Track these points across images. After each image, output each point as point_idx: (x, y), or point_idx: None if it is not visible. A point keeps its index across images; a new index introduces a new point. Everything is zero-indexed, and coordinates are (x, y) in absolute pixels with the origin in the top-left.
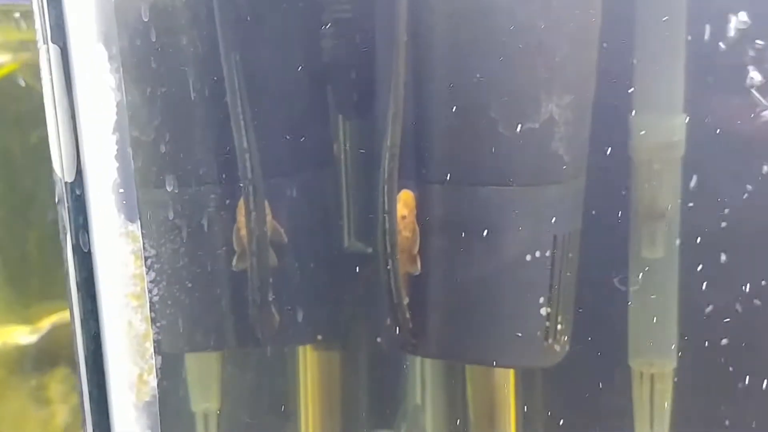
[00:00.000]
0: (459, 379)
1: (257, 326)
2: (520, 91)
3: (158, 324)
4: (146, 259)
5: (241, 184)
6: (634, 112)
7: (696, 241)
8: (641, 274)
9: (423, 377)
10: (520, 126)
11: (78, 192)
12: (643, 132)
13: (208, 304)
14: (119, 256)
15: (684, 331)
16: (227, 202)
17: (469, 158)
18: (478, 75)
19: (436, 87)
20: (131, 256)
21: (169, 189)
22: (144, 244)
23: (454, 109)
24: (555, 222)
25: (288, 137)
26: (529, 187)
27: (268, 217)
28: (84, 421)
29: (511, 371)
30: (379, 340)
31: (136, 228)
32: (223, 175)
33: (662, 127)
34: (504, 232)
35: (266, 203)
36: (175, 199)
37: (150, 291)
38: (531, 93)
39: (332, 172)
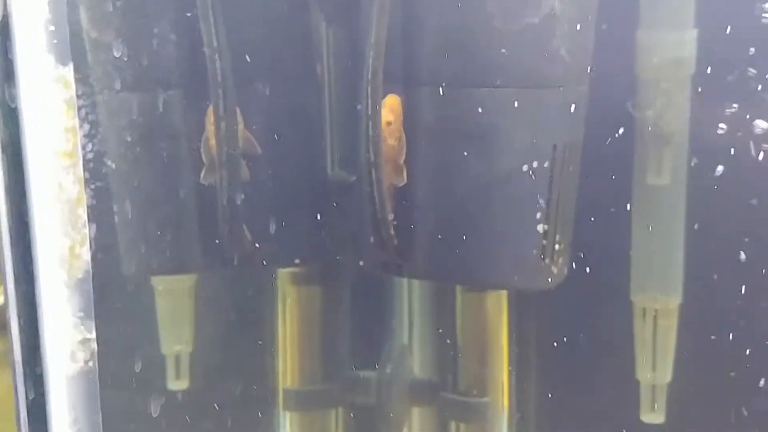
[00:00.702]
0: (448, 314)
1: (227, 246)
2: None
3: (120, 243)
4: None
5: (211, 89)
6: (641, 25)
7: (705, 167)
8: (646, 202)
9: (410, 314)
10: (518, 21)
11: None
12: (649, 47)
13: (172, 221)
14: (50, 106)
15: (690, 265)
16: (195, 108)
17: (461, 57)
18: None
19: None
20: (63, 105)
21: (130, 93)
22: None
23: (445, 4)
24: (555, 130)
25: (263, 37)
26: (527, 89)
27: (240, 126)
28: (7, 303)
29: (505, 300)
30: (361, 263)
31: (68, 72)
32: (190, 79)
33: (670, 43)
34: (499, 139)
35: (238, 111)
36: (138, 105)
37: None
38: None
39: (314, 84)
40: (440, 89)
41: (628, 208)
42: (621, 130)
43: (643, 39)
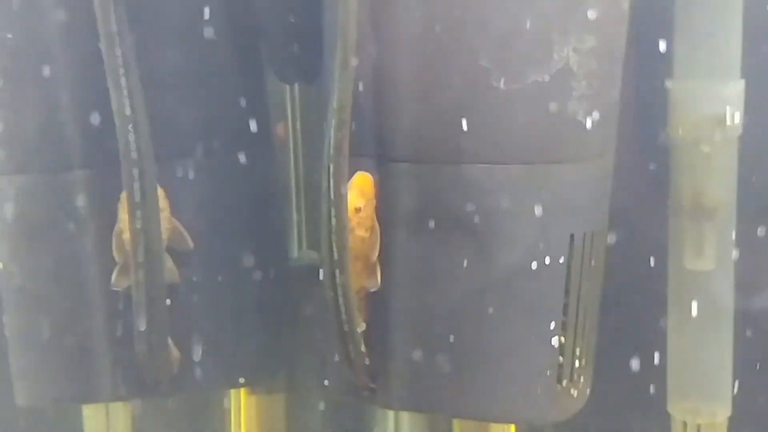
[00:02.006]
0: (444, 428)
1: (146, 368)
2: (523, 28)
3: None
4: None
5: (123, 169)
6: (674, 76)
7: (757, 249)
8: (684, 291)
9: (397, 428)
10: (522, 78)
11: None
12: (685, 102)
13: (76, 337)
14: None
15: (741, 368)
16: (104, 194)
17: (450, 126)
18: (462, 5)
19: (403, 25)
20: None
21: (13, 176)
22: None
23: (428, 56)
24: (572, 216)
25: (195, 103)
26: (535, 165)
27: (164, 214)
28: None
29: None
30: (326, 383)
31: None
32: (97, 157)
33: (712, 97)
34: (500, 229)
35: (163, 195)
36: (27, 190)
37: None
38: (538, 30)
39: (269, 155)
40: (423, 166)
41: (663, 297)
42: (652, 204)
43: (678, 91)
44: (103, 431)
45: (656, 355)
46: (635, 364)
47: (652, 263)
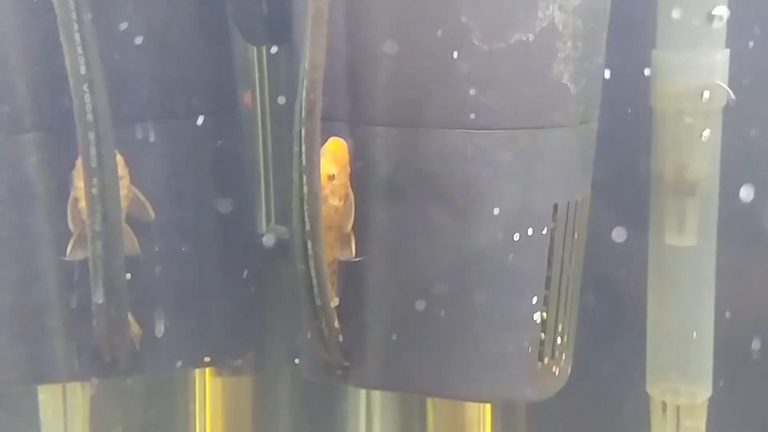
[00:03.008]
0: (416, 414)
1: (104, 346)
2: None
3: None
4: None
5: (78, 132)
6: (657, 45)
7: (740, 225)
8: (665, 268)
9: (369, 412)
10: (505, 37)
11: None
12: (669, 72)
13: (26, 313)
14: None
15: (722, 348)
16: (57, 159)
17: (429, 88)
18: None
19: None
20: None
21: None
22: None
23: (405, 12)
24: (556, 185)
25: (156, 65)
26: (518, 131)
27: (124, 182)
28: None
29: (488, 405)
30: (296, 362)
31: None
32: (51, 119)
33: (695, 67)
34: (479, 198)
35: (122, 162)
36: None
37: None
38: None
39: (234, 121)
40: (400, 131)
41: (643, 274)
42: (631, 178)
43: (661, 62)
44: (59, 415)
45: (635, 334)
46: (614, 342)
47: (631, 238)
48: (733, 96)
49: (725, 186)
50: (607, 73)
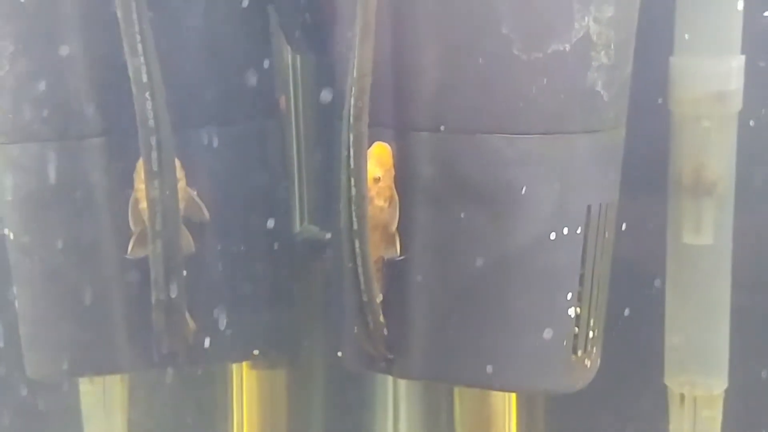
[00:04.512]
0: (442, 406)
1: (162, 339)
2: None
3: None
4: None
5: (140, 137)
6: (675, 51)
7: (754, 224)
8: (682, 266)
9: (396, 404)
10: (543, 47)
11: None
12: (686, 78)
13: (90, 308)
14: None
15: (737, 342)
16: (119, 163)
17: (470, 95)
18: None
19: None
20: None
21: (28, 144)
22: None
23: (448, 24)
24: (589, 186)
25: (210, 72)
26: (554, 135)
27: (181, 184)
28: None
29: (512, 396)
30: (340, 354)
31: None
32: (114, 124)
33: (712, 72)
34: (519, 199)
35: (180, 166)
36: (41, 159)
37: None
38: (560, 1)
39: (277, 126)
40: (443, 136)
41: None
42: (651, 179)
43: (679, 67)
44: (100, 405)
45: (654, 328)
46: (632, 336)
47: (650, 237)
48: None
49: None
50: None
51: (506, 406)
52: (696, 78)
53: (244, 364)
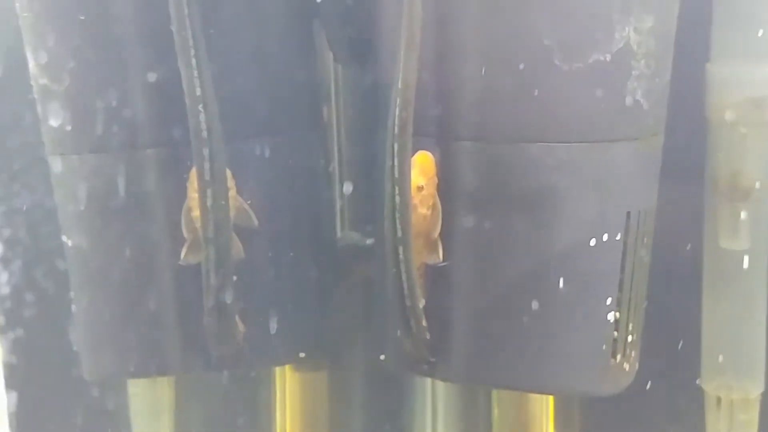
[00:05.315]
0: (479, 410)
1: (214, 342)
2: (585, 8)
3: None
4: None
5: (193, 148)
6: (711, 58)
7: None
8: (719, 270)
9: (434, 408)
10: (584, 58)
11: None
12: (724, 84)
13: (144, 312)
14: None
15: None
16: (174, 172)
17: (511, 104)
18: None
19: (466, 3)
20: None
21: (86, 155)
22: None
23: (491, 35)
24: (629, 193)
25: (259, 85)
26: (595, 144)
27: (231, 193)
28: None
29: (550, 399)
30: (383, 357)
31: None
32: (168, 136)
33: (750, 78)
34: (559, 206)
35: (231, 175)
36: (99, 169)
37: None
38: (600, 10)
39: (320, 136)
40: (484, 145)
41: (698, 276)
42: (689, 184)
43: (715, 74)
44: (148, 407)
45: (691, 332)
46: (670, 341)
47: (688, 241)
48: None
49: None
50: None
51: (543, 411)
52: (732, 84)
53: (287, 366)
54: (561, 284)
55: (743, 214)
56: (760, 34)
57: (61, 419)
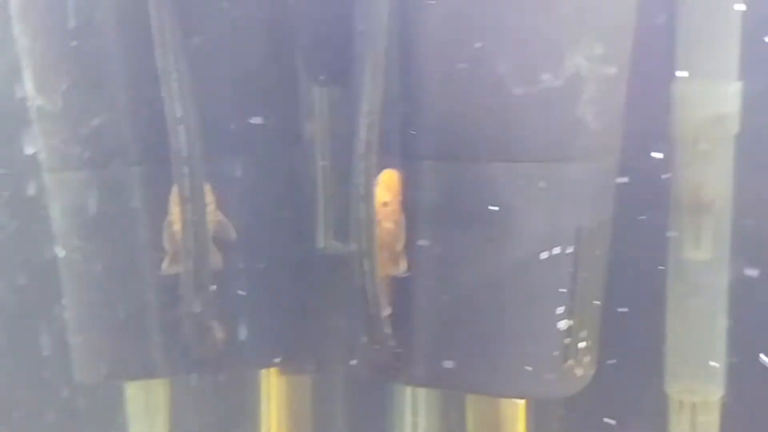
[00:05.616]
0: (459, 411)
1: (193, 347)
2: (537, 38)
3: (71, 345)
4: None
5: (174, 166)
6: (676, 77)
7: (750, 240)
8: (682, 279)
9: (415, 409)
10: (536, 84)
11: None
12: (686, 103)
13: (129, 319)
14: None
15: (734, 351)
16: (156, 188)
17: (469, 127)
18: (480, 16)
19: (428, 34)
20: None
21: (77, 172)
22: None
23: (450, 63)
24: (580, 210)
25: (240, 105)
26: (546, 163)
27: (211, 207)
28: None
29: (522, 402)
30: (352, 363)
31: None
32: (152, 154)
33: (710, 97)
34: (514, 222)
35: (209, 190)
36: (87, 185)
37: None
38: (551, 40)
39: (301, 152)
40: (445, 164)
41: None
42: (653, 198)
43: (679, 93)
44: (144, 409)
45: (655, 339)
46: (636, 347)
47: (651, 253)
48: None
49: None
50: (630, 103)
51: (516, 413)
52: (695, 102)
53: (273, 370)
54: (514, 294)
55: (705, 226)
56: (721, 53)
57: (32, 421)
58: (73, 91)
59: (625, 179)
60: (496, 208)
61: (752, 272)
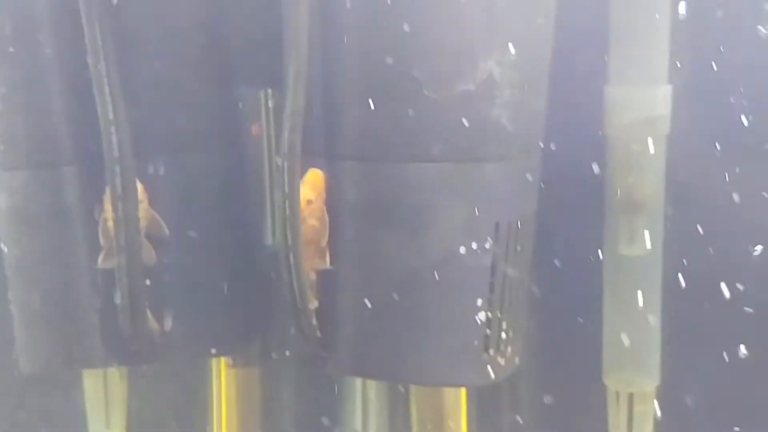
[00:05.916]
0: (405, 399)
1: (128, 339)
2: (451, 44)
3: (17, 337)
4: None
5: (106, 166)
6: (608, 81)
7: (683, 236)
8: (618, 274)
9: (364, 398)
10: (450, 88)
11: None
12: (619, 105)
13: (68, 313)
14: None
15: (668, 343)
16: (91, 187)
17: (388, 129)
18: (396, 24)
19: (347, 40)
20: None
21: (16, 172)
22: None
23: (368, 69)
24: (497, 206)
25: (171, 107)
26: (462, 163)
27: (143, 205)
28: None
29: (464, 390)
30: (287, 353)
31: None
32: (85, 154)
33: (642, 100)
34: (431, 218)
35: (143, 189)
36: (27, 184)
37: None
38: (464, 45)
39: (240, 153)
40: (366, 164)
41: (599, 279)
42: (589, 196)
43: (612, 96)
44: (101, 399)
45: (593, 333)
46: (574, 340)
47: (588, 250)
48: None
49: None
50: (565, 106)
51: (458, 402)
52: (627, 105)
53: (223, 363)
54: (434, 287)
55: (639, 223)
56: (651, 58)
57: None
58: (9, 94)
59: (561, 179)
60: (414, 206)
61: (685, 267)
